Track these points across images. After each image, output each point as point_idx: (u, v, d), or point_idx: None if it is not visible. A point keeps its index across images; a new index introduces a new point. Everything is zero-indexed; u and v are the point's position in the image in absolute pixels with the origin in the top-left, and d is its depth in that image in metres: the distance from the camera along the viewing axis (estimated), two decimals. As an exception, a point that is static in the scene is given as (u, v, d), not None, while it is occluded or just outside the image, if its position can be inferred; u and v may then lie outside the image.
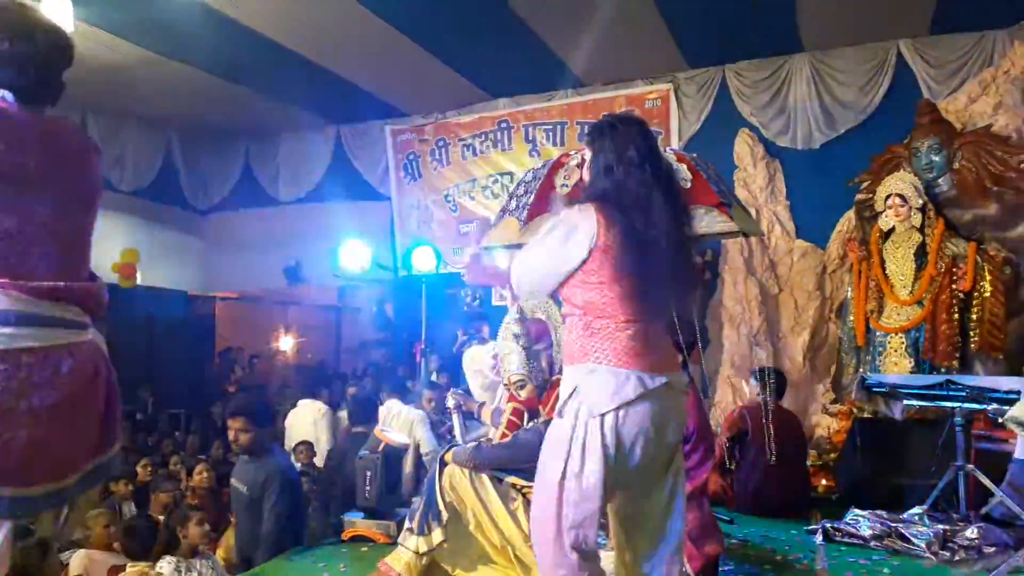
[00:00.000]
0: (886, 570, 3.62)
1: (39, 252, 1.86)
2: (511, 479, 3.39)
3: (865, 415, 5.50)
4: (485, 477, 3.38)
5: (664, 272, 2.19)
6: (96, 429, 1.95)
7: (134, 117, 9.11)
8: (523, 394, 3.50)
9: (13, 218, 1.81)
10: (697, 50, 7.48)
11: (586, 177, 2.37)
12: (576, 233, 2.18)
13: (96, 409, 1.95)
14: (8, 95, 1.89)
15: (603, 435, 2.14)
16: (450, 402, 4.09)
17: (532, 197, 3.33)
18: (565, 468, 2.17)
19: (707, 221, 3.11)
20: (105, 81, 7.62)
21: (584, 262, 2.18)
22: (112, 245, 9.17)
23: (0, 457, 1.71)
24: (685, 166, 3.20)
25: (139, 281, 9.30)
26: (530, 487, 3.28)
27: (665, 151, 3.24)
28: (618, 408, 2.14)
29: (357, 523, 4.33)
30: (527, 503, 3.27)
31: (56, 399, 1.80)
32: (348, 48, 7.19)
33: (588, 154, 2.36)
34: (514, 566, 3.31)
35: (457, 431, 4.09)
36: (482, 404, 3.98)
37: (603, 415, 2.14)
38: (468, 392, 4.48)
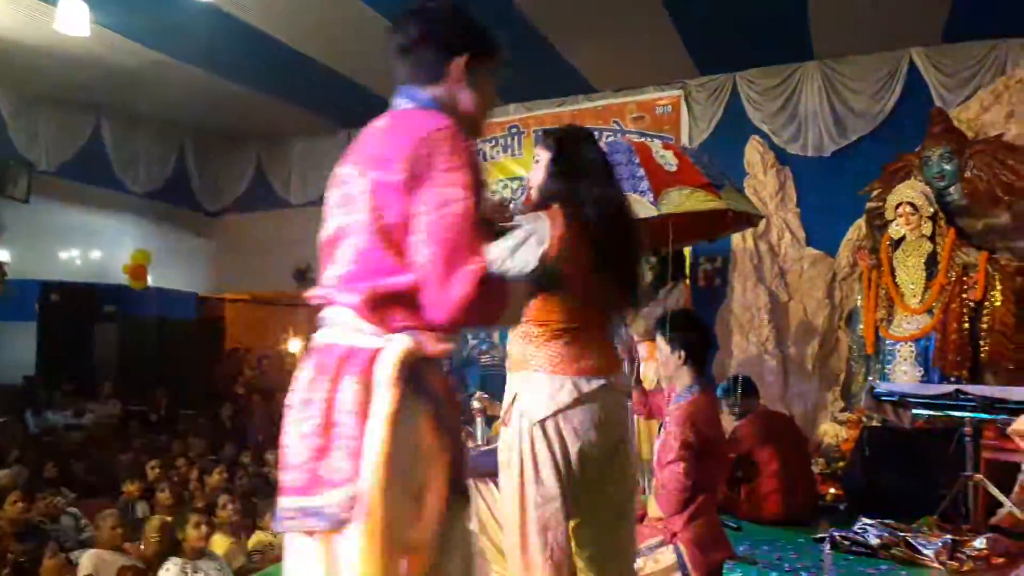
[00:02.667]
0: (894, 580, 3.61)
1: None
2: None
3: (874, 423, 5.48)
4: (489, 481, 3.39)
5: (611, 279, 2.25)
6: None
7: (148, 120, 9.18)
8: None
9: None
10: (708, 57, 7.49)
11: (539, 180, 2.38)
12: (531, 240, 2.17)
13: None
14: None
15: (547, 440, 2.19)
16: (475, 404, 4.07)
17: (644, 174, 3.19)
18: (522, 475, 2.21)
19: (694, 200, 3.11)
20: (119, 84, 7.69)
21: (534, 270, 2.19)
22: (124, 246, 9.25)
23: None
24: (671, 152, 3.22)
25: (150, 282, 9.36)
26: None
27: (653, 141, 3.29)
28: (555, 414, 2.19)
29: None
30: None
31: None
32: (359, 52, 7.21)
33: (544, 156, 2.39)
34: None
35: (479, 434, 4.07)
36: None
37: (542, 421, 2.19)
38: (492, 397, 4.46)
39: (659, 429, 3.45)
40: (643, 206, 3.07)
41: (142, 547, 4.44)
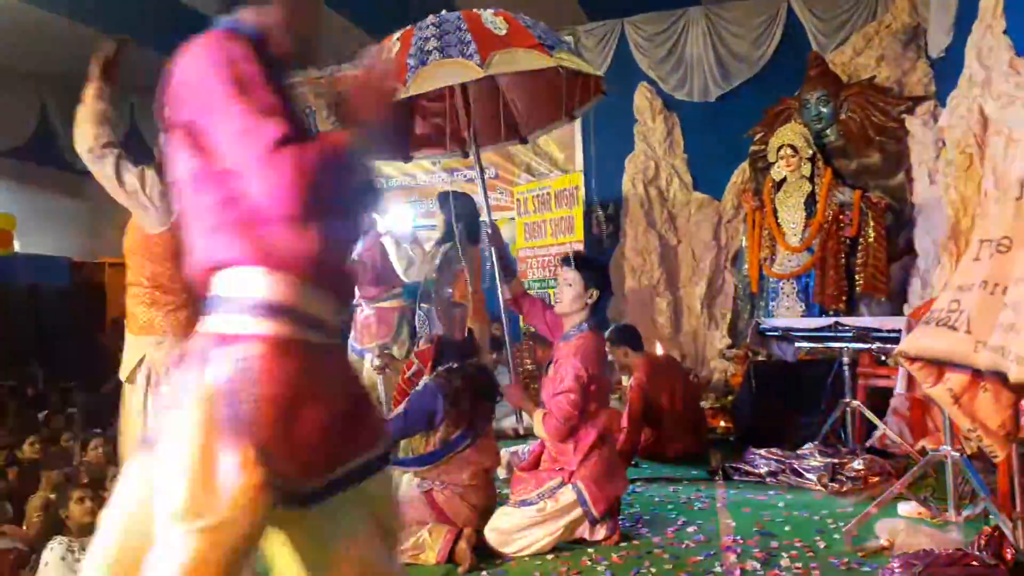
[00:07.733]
0: (781, 504, 3.79)
1: None
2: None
3: (760, 359, 5.71)
4: None
5: None
6: None
7: (3, 71, 8.45)
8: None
9: None
10: (596, 2, 7.46)
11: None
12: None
13: None
14: None
15: None
16: (376, 362, 3.97)
17: (471, 40, 3.15)
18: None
19: (524, 59, 3.11)
20: (-34, 32, 7.05)
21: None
22: (-16, 211, 8.59)
23: None
24: (501, 18, 3.23)
25: (17, 248, 8.74)
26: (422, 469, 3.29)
27: (484, 10, 3.28)
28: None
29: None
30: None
31: None
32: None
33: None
34: None
35: (382, 395, 3.98)
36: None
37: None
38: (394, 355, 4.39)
39: (547, 366, 3.52)
40: (470, 69, 3.04)
41: (25, 528, 4.21)
